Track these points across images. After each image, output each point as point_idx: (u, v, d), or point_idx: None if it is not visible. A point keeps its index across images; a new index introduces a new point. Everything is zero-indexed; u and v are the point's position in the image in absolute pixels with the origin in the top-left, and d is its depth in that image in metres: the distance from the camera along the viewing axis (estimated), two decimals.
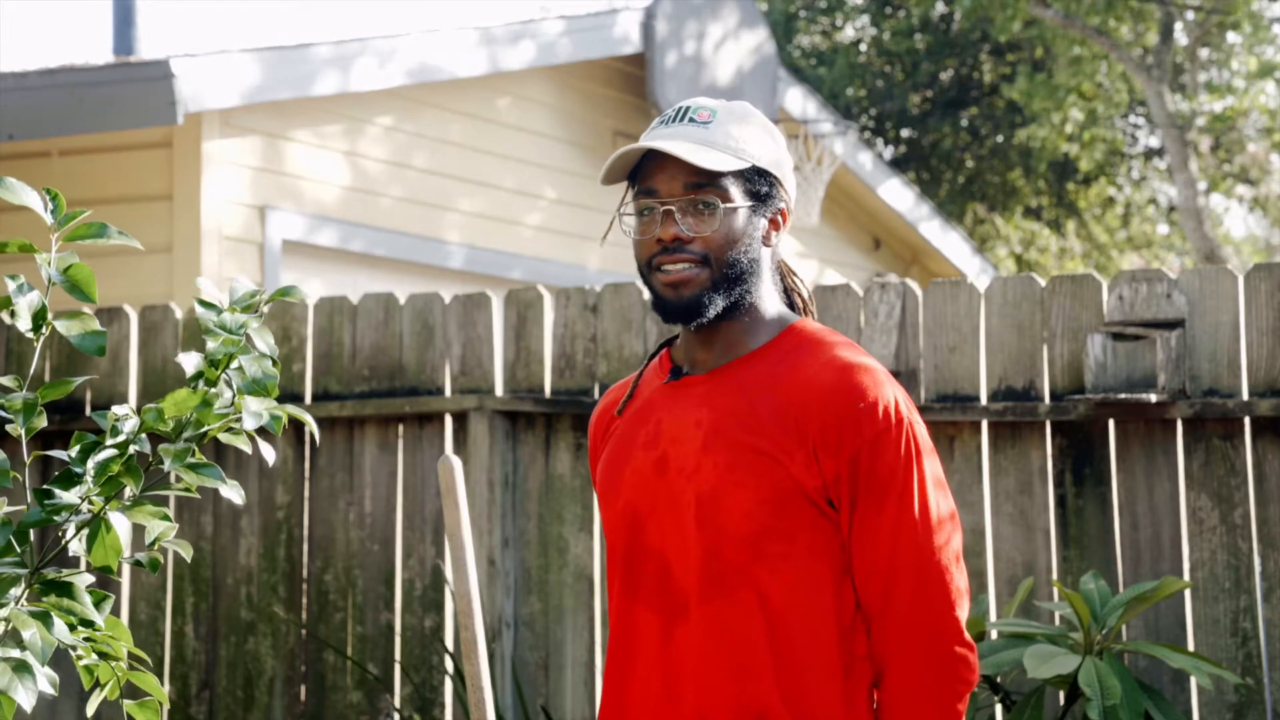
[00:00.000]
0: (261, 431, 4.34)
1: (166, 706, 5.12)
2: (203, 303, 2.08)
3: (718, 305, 2.35)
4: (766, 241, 2.41)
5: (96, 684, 2.18)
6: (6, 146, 7.04)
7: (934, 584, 2.28)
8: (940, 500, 2.32)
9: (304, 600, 5.07)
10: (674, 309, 2.35)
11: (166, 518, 2.09)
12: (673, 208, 2.34)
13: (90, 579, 2.08)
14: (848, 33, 19.82)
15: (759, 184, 2.39)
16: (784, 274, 2.51)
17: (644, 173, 2.38)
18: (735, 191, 2.36)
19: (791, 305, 2.50)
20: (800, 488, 2.29)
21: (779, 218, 2.42)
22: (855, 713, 2.30)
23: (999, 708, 4.20)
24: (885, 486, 2.28)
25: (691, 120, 2.38)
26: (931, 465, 2.33)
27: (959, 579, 2.30)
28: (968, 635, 2.30)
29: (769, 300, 2.42)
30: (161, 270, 7.00)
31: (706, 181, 2.34)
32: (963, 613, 2.30)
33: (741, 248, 2.35)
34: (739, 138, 2.37)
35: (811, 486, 2.29)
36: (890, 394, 2.31)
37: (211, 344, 2.05)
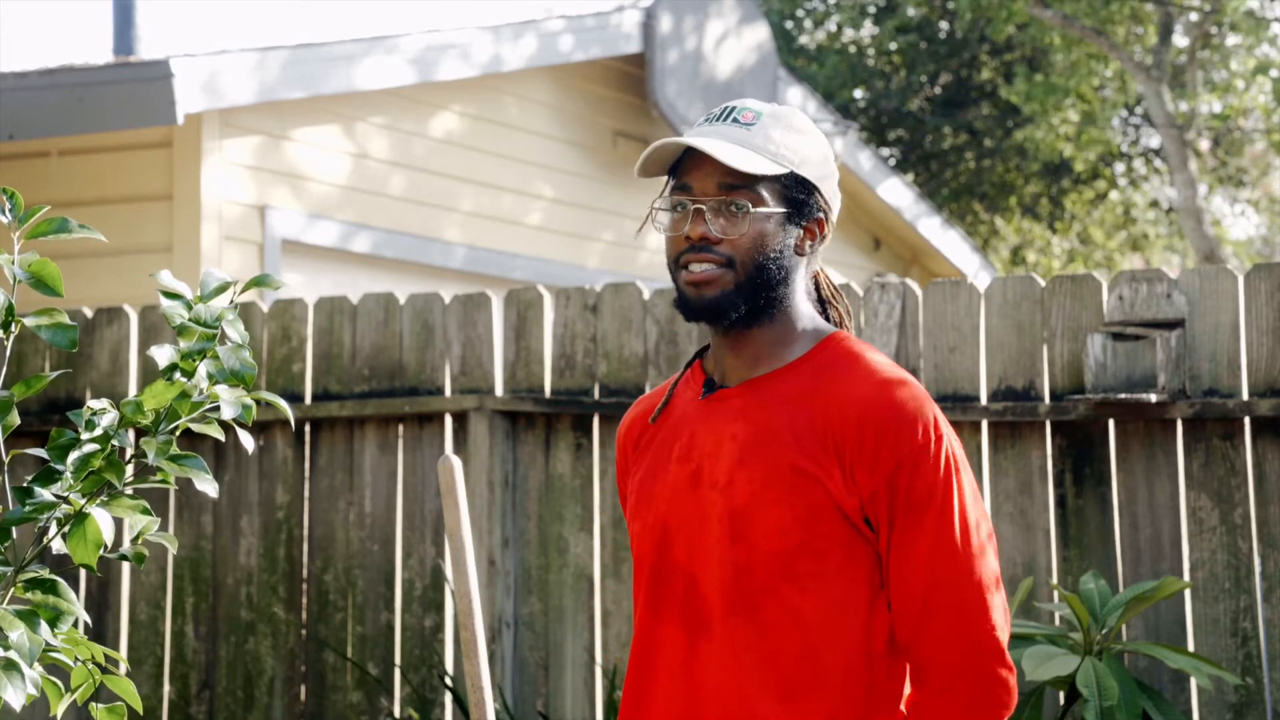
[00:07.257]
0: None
1: (159, 711, 5.11)
2: (167, 293, 2.07)
3: (740, 309, 2.30)
4: (800, 251, 2.35)
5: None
6: (6, 146, 7.04)
7: (974, 604, 2.23)
8: (979, 520, 2.28)
9: (304, 600, 5.07)
10: (695, 307, 2.31)
11: (147, 511, 2.08)
12: (704, 207, 2.29)
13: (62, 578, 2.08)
14: (847, 32, 19.81)
15: (796, 191, 2.33)
16: (820, 284, 2.45)
17: (682, 169, 2.34)
18: (769, 196, 2.31)
19: (828, 319, 2.44)
20: (838, 506, 2.25)
21: (816, 227, 2.36)
22: None
23: None
24: (924, 505, 2.24)
25: (735, 120, 2.34)
26: (969, 484, 2.29)
27: (999, 599, 2.26)
28: (1009, 657, 2.25)
29: (803, 310, 2.37)
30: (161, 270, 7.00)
31: (741, 184, 2.29)
32: (1004, 635, 2.25)
33: (770, 254, 2.30)
34: (780, 143, 2.32)
35: (849, 505, 2.25)
36: (929, 412, 2.27)
37: (185, 341, 2.05)
